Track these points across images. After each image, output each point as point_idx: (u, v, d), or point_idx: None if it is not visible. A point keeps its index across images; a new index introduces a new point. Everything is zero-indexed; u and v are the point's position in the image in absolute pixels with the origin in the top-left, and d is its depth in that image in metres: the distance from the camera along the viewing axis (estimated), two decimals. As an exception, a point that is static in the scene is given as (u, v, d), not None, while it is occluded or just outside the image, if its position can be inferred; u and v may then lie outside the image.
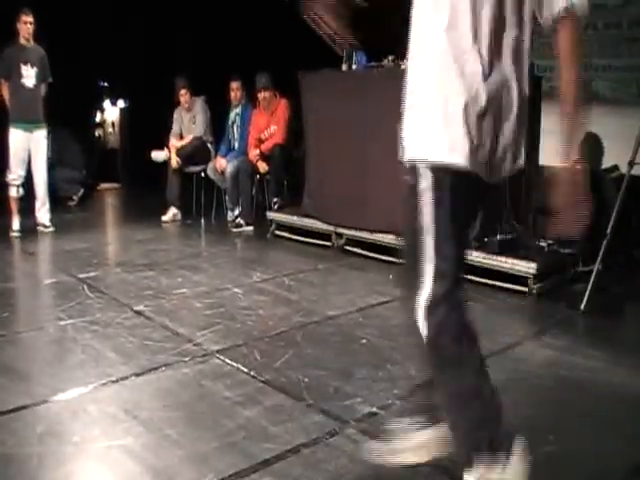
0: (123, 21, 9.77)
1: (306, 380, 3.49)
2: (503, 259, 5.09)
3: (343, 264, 5.98)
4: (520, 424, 3.04)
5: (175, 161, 8.33)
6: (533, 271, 4.92)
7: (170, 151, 8.45)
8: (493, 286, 5.10)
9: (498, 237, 5.29)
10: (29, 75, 7.34)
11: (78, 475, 2.70)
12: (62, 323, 4.38)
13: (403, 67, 5.74)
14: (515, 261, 5.02)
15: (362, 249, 6.15)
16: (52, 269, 6.04)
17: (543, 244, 5.36)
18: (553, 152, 2.23)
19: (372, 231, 6.02)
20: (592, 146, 5.98)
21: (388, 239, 5.87)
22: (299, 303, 4.84)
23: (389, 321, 4.43)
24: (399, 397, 3.30)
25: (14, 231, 7.27)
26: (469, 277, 5.18)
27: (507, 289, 5.05)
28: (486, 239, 5.30)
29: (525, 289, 4.96)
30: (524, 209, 5.76)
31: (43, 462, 2.71)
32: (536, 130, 5.88)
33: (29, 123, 7.34)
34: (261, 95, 7.83)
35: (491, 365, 3.65)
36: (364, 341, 4.08)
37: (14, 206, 7.36)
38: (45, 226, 7.50)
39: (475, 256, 5.21)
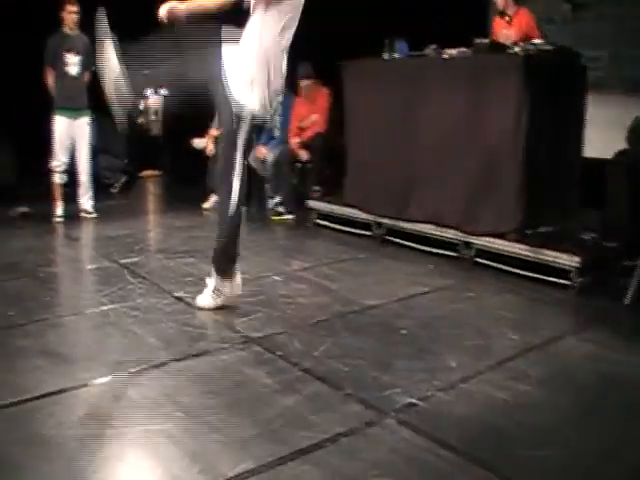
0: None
1: (345, 369, 3.49)
2: (546, 252, 5.01)
3: (383, 254, 5.95)
4: (560, 418, 3.03)
5: (209, 149, 8.34)
6: (576, 264, 4.84)
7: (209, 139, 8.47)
8: (536, 279, 5.03)
9: (541, 230, 5.22)
10: (73, 63, 7.40)
11: (118, 458, 2.71)
12: (104, 308, 4.43)
13: (445, 56, 5.77)
14: (558, 254, 4.95)
15: (402, 239, 6.11)
16: (94, 255, 6.10)
17: (587, 237, 5.27)
18: (598, 143, 2.21)
19: (413, 221, 5.97)
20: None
21: (429, 229, 5.84)
22: (339, 292, 4.83)
23: (429, 312, 4.41)
24: (438, 388, 3.28)
25: (57, 217, 7.36)
26: (512, 269, 5.15)
27: (550, 282, 4.98)
28: (529, 232, 5.23)
29: (568, 282, 4.88)
30: (568, 201, 5.69)
31: (83, 444, 2.73)
32: (581, 121, 5.82)
33: (73, 110, 7.41)
34: (303, 84, 7.82)
35: (532, 358, 3.67)
36: (404, 331, 4.06)
37: (58, 192, 7.44)
38: (88, 212, 7.57)
39: (518, 249, 5.16)
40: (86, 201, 7.60)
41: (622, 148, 5.77)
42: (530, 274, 5.07)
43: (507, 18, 6.44)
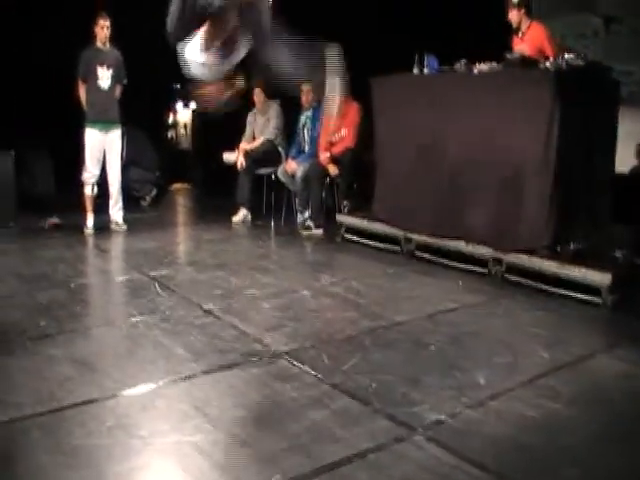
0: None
1: (373, 385, 3.47)
2: (576, 269, 4.97)
3: (412, 269, 5.93)
4: (590, 437, 3.00)
5: (240, 163, 8.38)
6: (607, 282, 4.79)
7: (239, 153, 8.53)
8: (566, 296, 4.99)
9: (572, 246, 5.18)
10: (105, 77, 7.49)
11: (146, 469, 2.72)
12: (133, 319, 4.45)
13: (476, 71, 5.76)
14: (589, 271, 4.90)
15: (431, 254, 6.09)
16: (124, 266, 6.15)
17: (618, 254, 5.22)
18: (630, 158, 2.20)
19: (442, 237, 5.95)
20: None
21: (458, 245, 5.81)
22: (367, 307, 4.81)
23: (458, 328, 4.38)
24: (467, 405, 3.25)
25: (88, 228, 7.44)
26: (542, 286, 5.11)
27: (581, 299, 4.93)
28: (559, 248, 5.19)
29: (599, 300, 4.84)
30: (598, 217, 5.63)
31: (111, 454, 2.75)
32: (613, 136, 5.78)
33: (104, 123, 7.49)
34: (332, 98, 7.82)
35: (563, 376, 3.63)
36: (432, 347, 4.03)
37: (89, 204, 7.53)
38: (118, 224, 7.64)
39: (547, 265, 5.12)
40: (116, 213, 7.67)
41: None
42: (561, 291, 5.03)
43: (520, 34, 6.45)
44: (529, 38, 6.36)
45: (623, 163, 5.99)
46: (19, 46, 8.98)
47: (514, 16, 6.45)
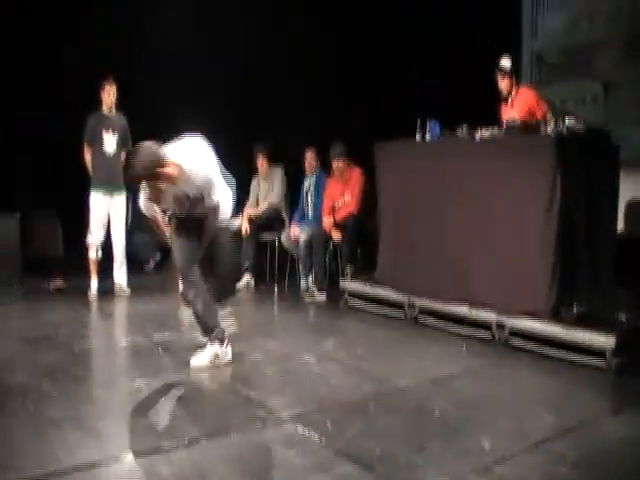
0: (218, 89, 10.07)
1: (377, 450, 3.44)
2: (580, 332, 4.96)
3: (416, 334, 5.92)
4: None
5: (245, 229, 8.44)
6: (612, 345, 4.77)
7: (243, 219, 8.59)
8: (570, 360, 4.97)
9: (574, 309, 5.18)
10: (110, 142, 7.60)
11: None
12: (136, 383, 4.44)
13: (477, 137, 5.84)
14: (593, 334, 4.89)
15: (435, 320, 6.09)
16: (128, 330, 6.15)
17: (622, 317, 5.21)
18: (632, 221, 2.23)
19: (446, 301, 5.96)
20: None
21: (462, 310, 5.82)
22: (371, 372, 4.80)
23: (462, 393, 4.36)
24: (472, 470, 3.23)
25: (92, 291, 7.46)
26: (545, 350, 5.10)
27: (585, 363, 4.91)
28: (562, 311, 5.19)
29: (603, 363, 4.81)
30: (601, 280, 5.64)
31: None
32: (614, 200, 5.83)
33: (109, 188, 7.57)
34: (335, 164, 7.92)
35: (567, 441, 3.61)
36: (436, 412, 4.01)
37: (93, 268, 7.56)
38: (122, 288, 7.66)
39: (551, 329, 5.11)
40: (120, 276, 7.69)
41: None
42: (565, 354, 5.01)
43: (510, 101, 6.58)
44: (518, 103, 6.51)
45: (626, 226, 6.02)
46: (31, 112, 9.14)
47: (505, 84, 6.59)
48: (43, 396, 4.17)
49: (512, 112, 6.44)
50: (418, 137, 6.49)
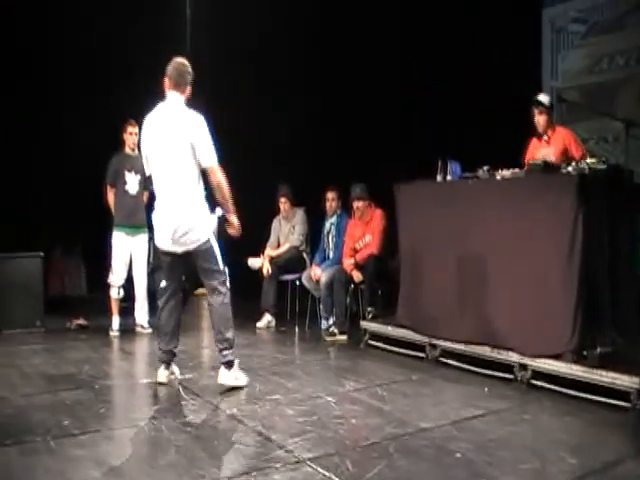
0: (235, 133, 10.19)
1: (398, 492, 3.41)
2: (604, 373, 4.90)
3: (437, 375, 5.88)
4: None
5: (266, 269, 8.48)
6: (636, 386, 4.70)
7: (264, 259, 8.62)
8: (593, 401, 4.91)
9: (598, 350, 5.12)
10: (132, 182, 7.70)
11: None
12: (156, 422, 4.44)
13: (498, 177, 5.84)
14: (617, 375, 4.83)
15: (457, 361, 6.05)
16: (148, 369, 6.14)
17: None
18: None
19: (467, 343, 5.93)
20: None
21: (483, 351, 5.78)
22: (392, 414, 4.76)
23: (484, 435, 4.31)
24: (495, 513, 3.19)
25: (114, 330, 7.51)
26: (569, 391, 5.04)
27: (609, 404, 4.84)
28: (585, 352, 5.14)
29: (627, 404, 4.74)
30: (625, 320, 5.58)
31: None
32: (637, 237, 5.78)
33: (131, 228, 7.65)
34: (355, 205, 7.95)
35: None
36: (458, 455, 3.96)
37: (114, 306, 7.62)
38: (143, 327, 7.70)
39: (574, 369, 5.06)
40: (142, 316, 7.74)
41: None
42: (588, 396, 4.95)
43: (545, 138, 6.57)
44: (555, 141, 6.49)
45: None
46: (56, 152, 9.29)
47: (543, 120, 6.58)
48: (65, 433, 4.19)
49: (549, 150, 6.43)
50: (439, 178, 6.50)
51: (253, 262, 8.78)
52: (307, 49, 10.69)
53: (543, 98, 6.66)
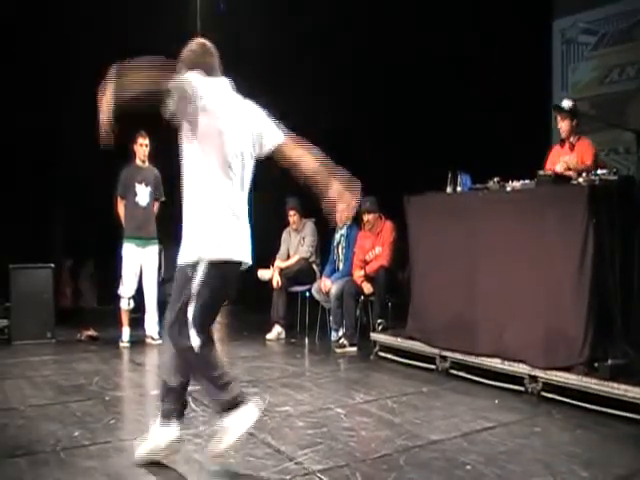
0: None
1: (409, 504, 3.40)
2: (616, 385, 4.88)
3: (447, 388, 5.86)
4: None
5: (276, 281, 8.48)
6: (649, 398, 4.69)
7: (274, 270, 8.63)
8: (605, 413, 4.88)
9: (609, 362, 5.10)
10: (143, 194, 7.73)
11: None
12: (166, 434, 4.42)
13: (509, 188, 5.83)
14: (629, 387, 4.80)
15: (467, 373, 6.03)
16: (158, 380, 6.14)
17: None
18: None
19: (478, 355, 5.91)
20: None
21: (494, 363, 5.76)
22: (402, 426, 4.74)
23: (495, 447, 4.29)
24: (506, 527, 3.17)
25: (124, 342, 7.53)
26: (580, 404, 5.01)
27: (621, 417, 4.81)
28: (596, 364, 5.11)
29: (639, 417, 4.72)
30: (636, 332, 5.55)
31: None
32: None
33: (142, 239, 7.68)
34: (366, 218, 7.96)
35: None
36: (468, 467, 3.94)
37: (125, 318, 7.64)
38: (153, 338, 7.71)
39: (585, 382, 5.03)
40: (152, 327, 7.75)
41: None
42: (599, 408, 4.93)
43: (569, 145, 6.56)
44: (579, 151, 6.51)
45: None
46: (67, 164, 9.34)
47: (565, 125, 6.59)
48: (74, 445, 4.20)
49: (572, 156, 6.44)
50: (449, 189, 6.50)
51: (263, 274, 8.79)
52: (315, 63, 10.71)
53: (565, 103, 6.68)
